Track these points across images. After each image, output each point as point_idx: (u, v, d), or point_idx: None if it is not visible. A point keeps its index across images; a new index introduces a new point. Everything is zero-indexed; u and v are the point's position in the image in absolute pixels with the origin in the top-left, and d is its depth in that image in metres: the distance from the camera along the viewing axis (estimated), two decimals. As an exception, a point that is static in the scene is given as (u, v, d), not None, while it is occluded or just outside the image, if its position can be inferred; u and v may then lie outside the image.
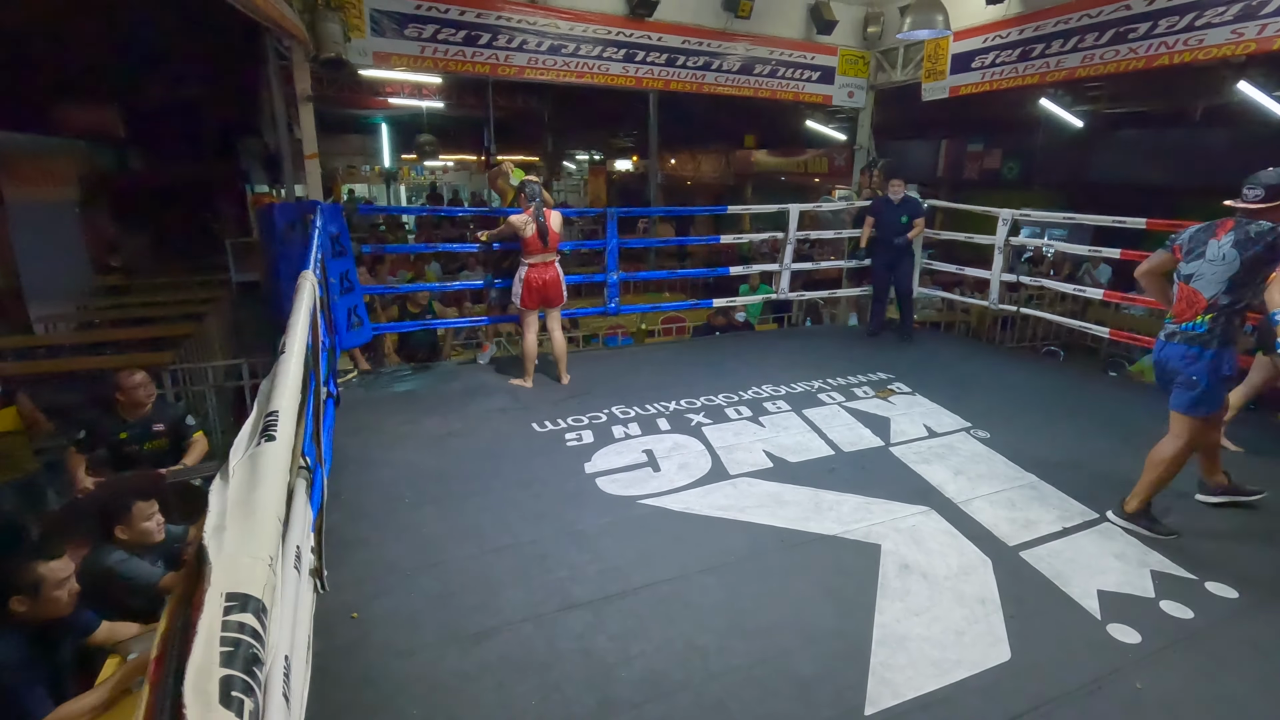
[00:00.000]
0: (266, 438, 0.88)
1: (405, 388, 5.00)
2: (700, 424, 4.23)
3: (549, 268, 4.68)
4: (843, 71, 7.09)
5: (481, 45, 5.37)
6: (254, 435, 0.89)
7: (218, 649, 0.62)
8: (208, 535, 0.73)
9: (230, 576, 0.66)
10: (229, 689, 0.60)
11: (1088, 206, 6.61)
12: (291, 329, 1.41)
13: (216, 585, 0.65)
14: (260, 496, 0.75)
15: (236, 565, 0.68)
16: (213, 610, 0.63)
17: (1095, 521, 3.14)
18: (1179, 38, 4.57)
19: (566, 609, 2.50)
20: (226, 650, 0.62)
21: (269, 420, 0.96)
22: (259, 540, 0.70)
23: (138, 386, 3.78)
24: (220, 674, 0.60)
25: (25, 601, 2.21)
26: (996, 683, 2.16)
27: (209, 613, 0.64)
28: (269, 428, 0.93)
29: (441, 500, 3.29)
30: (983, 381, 5.19)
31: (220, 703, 0.59)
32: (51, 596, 2.25)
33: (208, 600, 0.65)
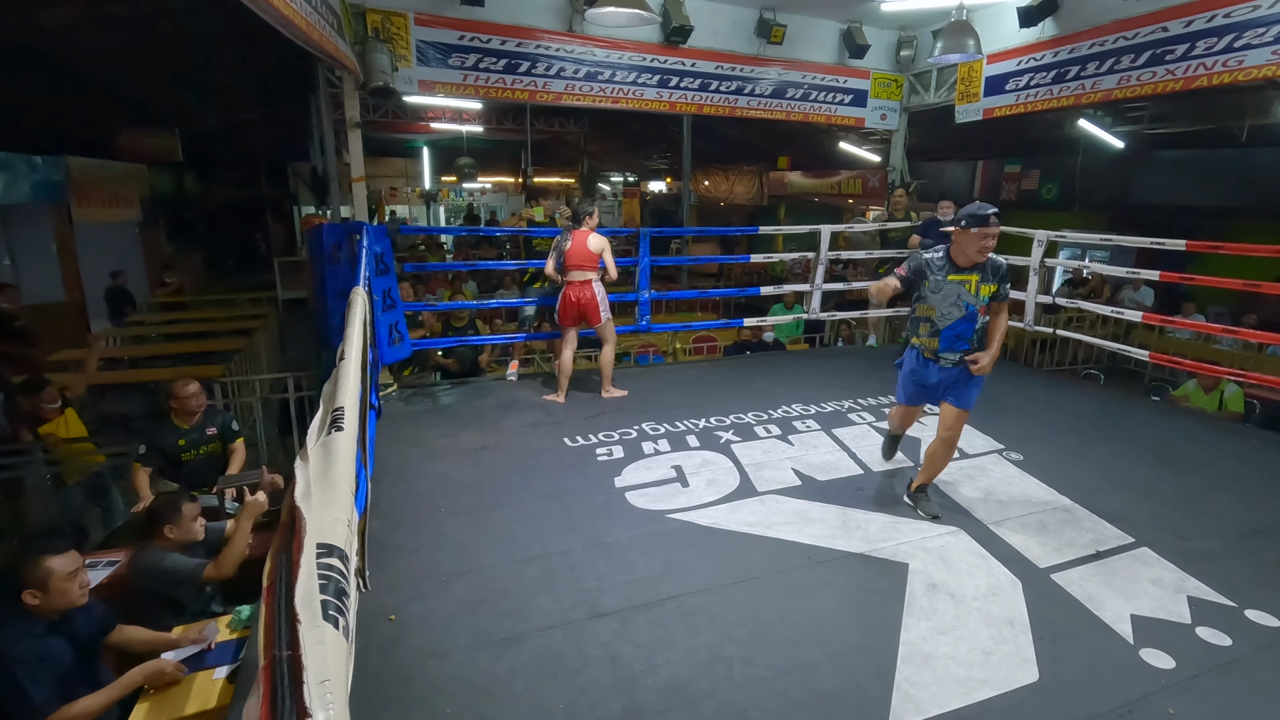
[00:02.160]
0: (336, 428, 0.98)
1: (443, 402, 5.16)
2: (729, 441, 4.27)
3: (584, 286, 4.82)
4: (875, 94, 7.14)
5: (521, 73, 5.59)
6: (324, 426, 0.99)
7: (316, 581, 0.72)
8: (299, 499, 0.84)
9: (319, 530, 0.76)
10: (327, 609, 0.71)
11: (1129, 228, 6.53)
12: (349, 338, 1.52)
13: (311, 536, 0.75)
14: (336, 474, 0.85)
15: (322, 522, 0.79)
16: (309, 554, 0.74)
17: (1131, 546, 3.09)
18: (1218, 59, 4.53)
19: (595, 617, 2.56)
20: (322, 582, 0.73)
21: (336, 414, 1.07)
22: (338, 505, 0.80)
23: (191, 396, 4.00)
24: (319, 598, 0.71)
25: (37, 595, 2.27)
26: (1023, 703, 2.15)
27: (306, 555, 0.74)
28: (337, 420, 1.03)
29: (475, 510, 3.39)
30: (1018, 404, 5.14)
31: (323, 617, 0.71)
32: (62, 588, 2.31)
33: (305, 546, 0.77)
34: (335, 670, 0.66)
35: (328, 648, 0.67)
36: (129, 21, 6.76)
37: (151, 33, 7.29)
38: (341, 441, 0.94)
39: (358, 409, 1.21)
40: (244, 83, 10.27)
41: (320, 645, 0.66)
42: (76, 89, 8.30)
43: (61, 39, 6.80)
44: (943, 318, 3.17)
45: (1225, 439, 4.65)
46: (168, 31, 7.36)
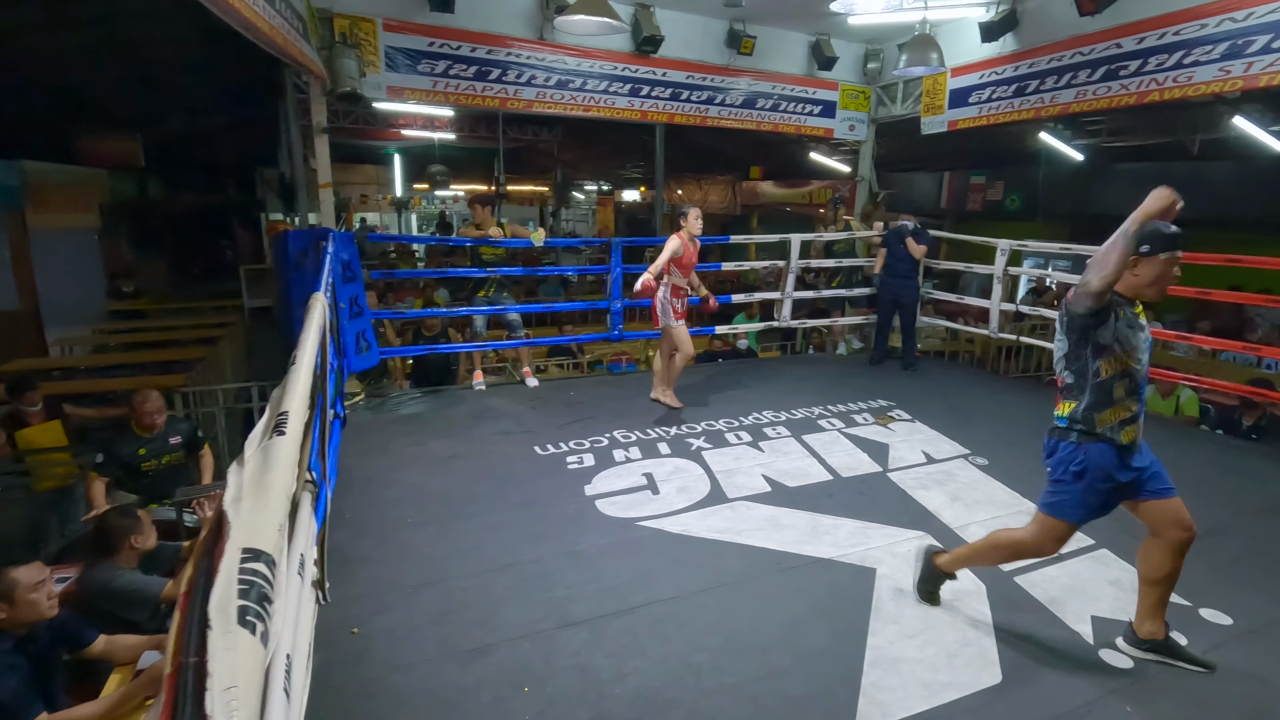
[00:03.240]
0: (278, 433, 0.95)
1: (412, 411, 5.09)
2: (700, 448, 4.28)
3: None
4: (844, 106, 7.26)
5: (492, 80, 5.57)
6: (266, 431, 0.96)
7: (236, 585, 0.70)
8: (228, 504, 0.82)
9: (246, 535, 0.74)
10: (245, 614, 0.69)
11: (1090, 238, 6.68)
12: (302, 343, 1.49)
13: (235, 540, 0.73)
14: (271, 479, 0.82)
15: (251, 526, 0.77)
16: (231, 558, 0.72)
17: (1091, 548, 3.15)
18: (1169, 75, 4.70)
19: (564, 627, 2.54)
20: (243, 587, 0.71)
21: (280, 418, 1.04)
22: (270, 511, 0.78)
23: (152, 410, 3.89)
24: (237, 603, 0.69)
25: (3, 608, 2.22)
26: (986, 704, 2.18)
27: (228, 560, 0.72)
28: (280, 424, 1.01)
29: (444, 520, 3.35)
30: (984, 410, 5.23)
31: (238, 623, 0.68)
32: (28, 600, 2.25)
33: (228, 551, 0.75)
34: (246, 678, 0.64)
35: (239, 654, 0.65)
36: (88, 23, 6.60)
37: (112, 35, 7.13)
38: (282, 446, 0.92)
39: (304, 415, 1.18)
40: (210, 87, 10.07)
41: (230, 651, 0.64)
42: (33, 91, 8.07)
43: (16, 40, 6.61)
44: (1141, 368, 2.26)
45: (1182, 442, 4.78)
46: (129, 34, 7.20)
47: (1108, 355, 2.20)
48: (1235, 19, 4.29)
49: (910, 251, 6.03)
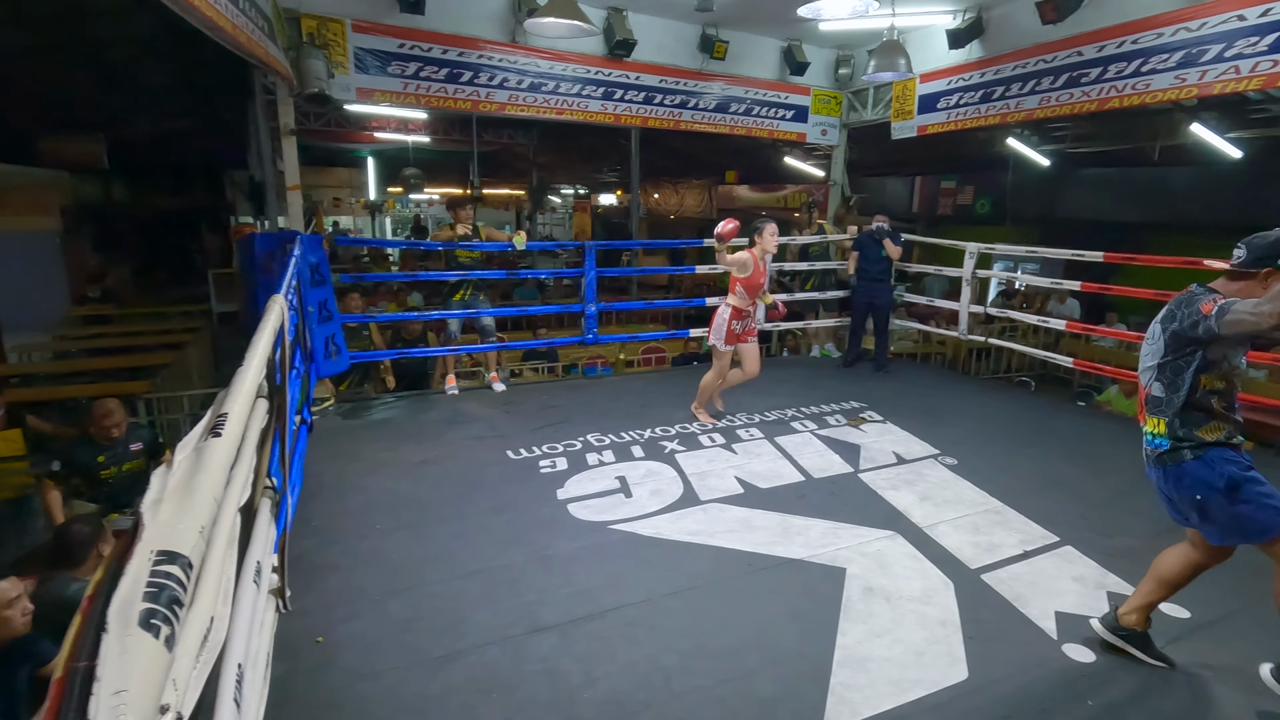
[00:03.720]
0: (214, 435, 0.93)
1: (384, 416, 5.03)
2: (674, 451, 4.28)
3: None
4: (816, 110, 7.34)
5: (463, 82, 5.54)
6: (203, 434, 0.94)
7: (143, 589, 0.68)
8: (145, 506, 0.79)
9: (161, 537, 0.72)
10: (150, 617, 0.66)
11: (1057, 242, 6.85)
12: (253, 345, 1.46)
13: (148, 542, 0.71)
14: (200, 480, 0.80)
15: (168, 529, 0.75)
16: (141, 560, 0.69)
17: (1056, 545, 3.21)
18: (1128, 82, 4.82)
19: (534, 632, 2.52)
20: (151, 590, 0.69)
21: (219, 420, 1.02)
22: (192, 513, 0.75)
23: (110, 425, 3.79)
24: (141, 605, 0.67)
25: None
26: (952, 701, 2.20)
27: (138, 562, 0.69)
28: (217, 426, 0.98)
29: (414, 526, 3.31)
30: (954, 410, 5.30)
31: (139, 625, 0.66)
32: (2, 617, 2.20)
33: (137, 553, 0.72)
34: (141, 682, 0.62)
35: (135, 658, 0.63)
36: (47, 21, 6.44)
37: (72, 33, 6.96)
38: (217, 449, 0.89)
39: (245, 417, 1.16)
40: (176, 88, 9.88)
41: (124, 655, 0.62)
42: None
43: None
44: (1239, 385, 2.23)
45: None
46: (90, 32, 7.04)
47: (1212, 371, 2.13)
48: (1190, 29, 4.42)
49: (888, 251, 6.10)
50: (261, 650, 1.62)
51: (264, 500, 1.85)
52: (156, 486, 0.86)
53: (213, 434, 0.96)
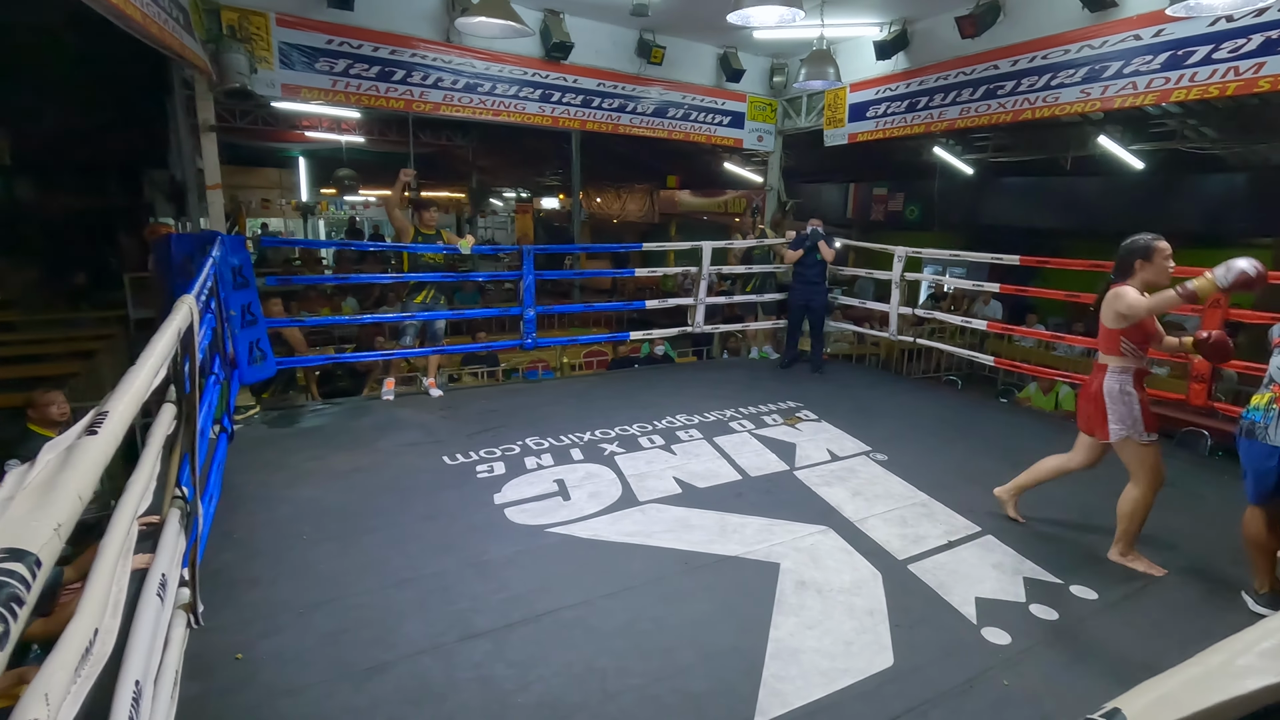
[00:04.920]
0: (90, 433, 0.88)
1: (313, 424, 4.86)
2: (613, 453, 4.28)
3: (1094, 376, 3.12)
4: (752, 117, 7.48)
5: (396, 81, 5.42)
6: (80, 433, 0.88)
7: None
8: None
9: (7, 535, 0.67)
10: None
11: (981, 246, 7.17)
12: (150, 346, 1.39)
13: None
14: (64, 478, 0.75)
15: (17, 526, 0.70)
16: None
17: (978, 535, 3.35)
18: (1039, 95, 5.10)
19: (467, 639, 2.47)
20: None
21: (98, 418, 0.96)
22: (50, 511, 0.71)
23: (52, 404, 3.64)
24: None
25: None
26: (879, 688, 2.27)
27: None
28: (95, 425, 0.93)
29: (343, 536, 3.20)
30: (885, 409, 5.48)
31: None
32: None
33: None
34: None
35: None
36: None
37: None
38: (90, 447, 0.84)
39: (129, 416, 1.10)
40: (88, 81, 9.33)
41: None
42: None
43: None
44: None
45: (1061, 434, 5.13)
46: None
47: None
48: (1093, 46, 4.71)
49: (823, 254, 6.26)
50: (169, 668, 1.53)
51: (173, 511, 1.76)
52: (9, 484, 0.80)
53: (89, 432, 0.90)
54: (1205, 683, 0.48)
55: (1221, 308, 4.14)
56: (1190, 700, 0.46)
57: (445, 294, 5.53)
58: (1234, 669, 0.49)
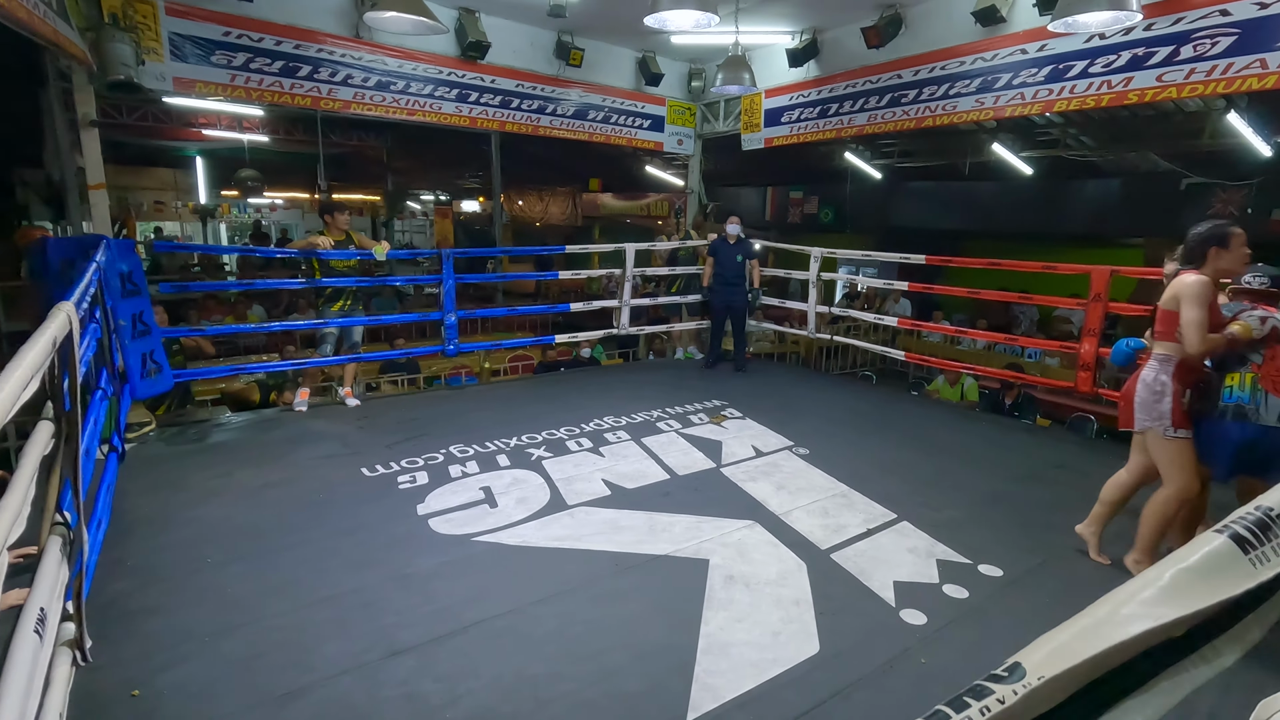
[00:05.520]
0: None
1: (219, 439, 4.57)
2: (540, 458, 4.23)
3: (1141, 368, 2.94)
4: (671, 121, 7.58)
5: (302, 77, 5.17)
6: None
7: None
8: None
9: None
10: None
11: (890, 247, 7.53)
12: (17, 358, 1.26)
13: None
14: None
15: None
16: None
17: (894, 522, 3.49)
18: (938, 103, 5.41)
19: (391, 656, 2.38)
20: None
21: None
22: None
23: None
24: None
25: None
26: (806, 674, 2.33)
27: None
28: None
29: (253, 557, 3.02)
30: (806, 404, 5.65)
31: None
32: None
33: None
34: None
35: None
36: None
37: None
38: None
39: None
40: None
41: None
42: None
43: None
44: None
45: (966, 423, 5.48)
46: None
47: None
48: (985, 59, 5.04)
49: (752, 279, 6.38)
50: (50, 710, 1.40)
51: (53, 539, 1.60)
52: None
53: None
54: (1094, 631, 0.52)
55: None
56: (1082, 648, 0.50)
57: (363, 300, 5.31)
58: (1119, 617, 0.53)
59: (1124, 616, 0.53)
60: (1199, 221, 2.84)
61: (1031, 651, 0.49)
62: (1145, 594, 0.55)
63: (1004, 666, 0.48)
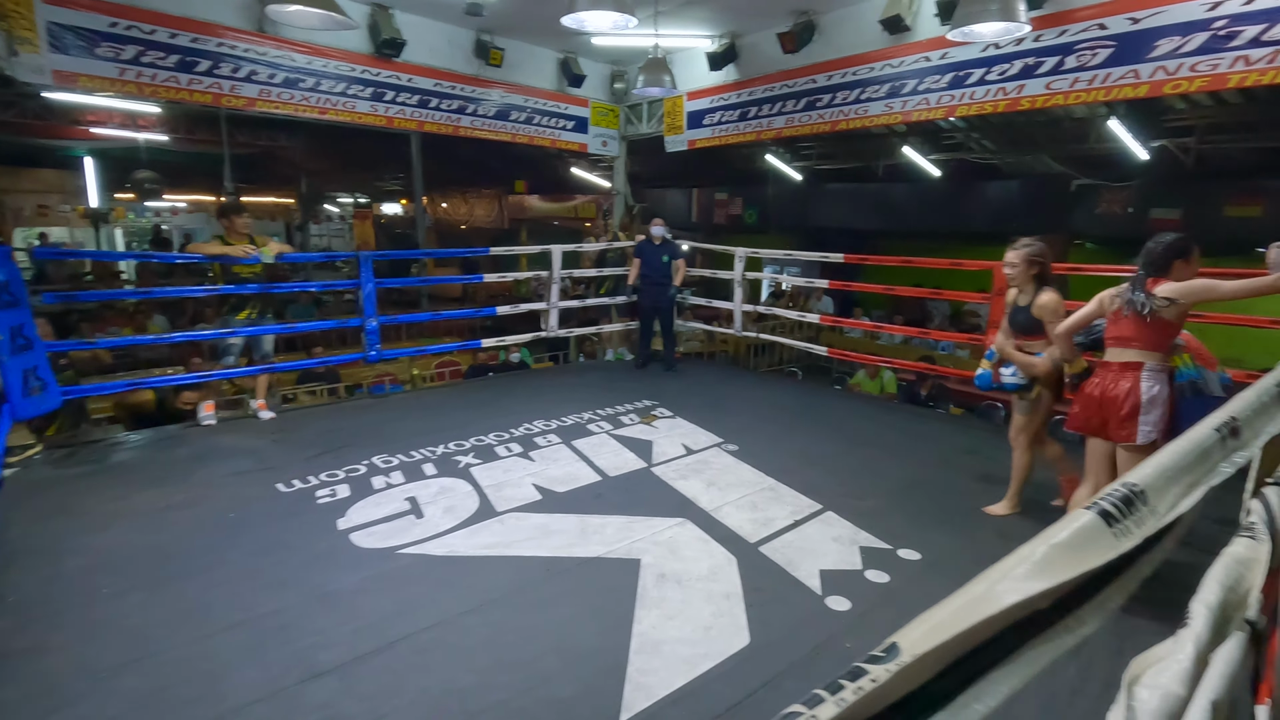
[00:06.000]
0: None
1: (117, 459, 4.25)
2: (469, 465, 4.14)
3: (1123, 373, 2.78)
4: (595, 122, 7.57)
5: (200, 73, 4.87)
6: None
7: None
8: None
9: None
10: None
11: (812, 247, 7.78)
12: None
13: None
14: None
15: None
16: None
17: (819, 512, 3.60)
18: (851, 108, 5.61)
19: (310, 679, 2.27)
20: None
21: None
22: None
23: None
24: None
25: None
26: (737, 667, 2.37)
27: None
28: None
29: (155, 584, 2.82)
30: (734, 402, 5.76)
31: None
32: None
33: None
34: None
35: None
36: None
37: None
38: None
39: None
40: None
41: None
42: None
43: None
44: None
45: (886, 414, 5.71)
46: None
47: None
48: (893, 65, 5.27)
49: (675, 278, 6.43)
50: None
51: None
52: None
53: None
54: (969, 607, 0.54)
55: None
56: (956, 623, 0.52)
57: (272, 308, 5.04)
58: (993, 593, 0.56)
59: (997, 592, 0.56)
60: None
61: (909, 630, 0.51)
62: (1019, 570, 0.59)
63: (882, 647, 0.49)
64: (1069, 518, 0.67)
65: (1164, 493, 0.74)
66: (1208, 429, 0.91)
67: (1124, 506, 0.68)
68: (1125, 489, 0.71)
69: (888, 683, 0.48)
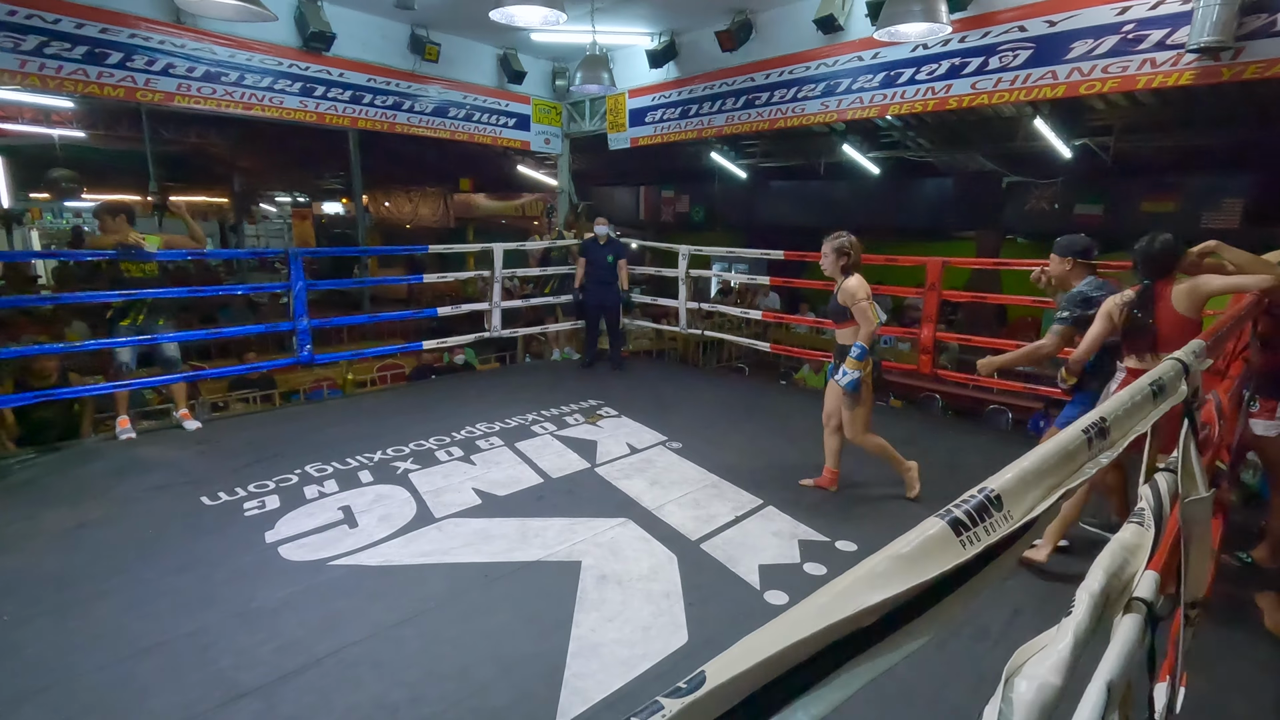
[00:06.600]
0: None
1: (19, 478, 3.98)
2: (407, 471, 4.04)
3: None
4: (537, 120, 7.49)
5: (112, 65, 4.62)
6: None
7: None
8: None
9: None
10: None
11: (757, 244, 7.84)
12: None
13: None
14: None
15: None
16: None
17: (760, 507, 3.63)
18: (789, 106, 5.69)
19: (231, 701, 2.17)
20: None
21: None
22: None
23: None
24: None
25: None
26: (675, 666, 2.36)
27: None
28: None
29: (62, 609, 2.66)
30: (680, 399, 5.77)
31: None
32: None
33: None
34: None
35: None
36: None
37: None
38: None
39: None
40: None
41: None
42: None
43: None
44: None
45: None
46: None
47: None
48: (828, 64, 5.36)
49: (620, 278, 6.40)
50: None
51: None
52: None
53: None
54: (788, 629, 0.54)
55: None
56: (768, 647, 0.51)
57: (164, 312, 4.70)
58: (817, 611, 0.55)
59: (822, 609, 0.56)
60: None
61: (722, 657, 0.50)
62: (853, 585, 0.58)
63: (688, 677, 0.47)
64: (919, 527, 0.68)
65: (1021, 497, 0.75)
66: (1076, 431, 0.93)
67: (976, 514, 0.69)
68: (981, 495, 0.72)
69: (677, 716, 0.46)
